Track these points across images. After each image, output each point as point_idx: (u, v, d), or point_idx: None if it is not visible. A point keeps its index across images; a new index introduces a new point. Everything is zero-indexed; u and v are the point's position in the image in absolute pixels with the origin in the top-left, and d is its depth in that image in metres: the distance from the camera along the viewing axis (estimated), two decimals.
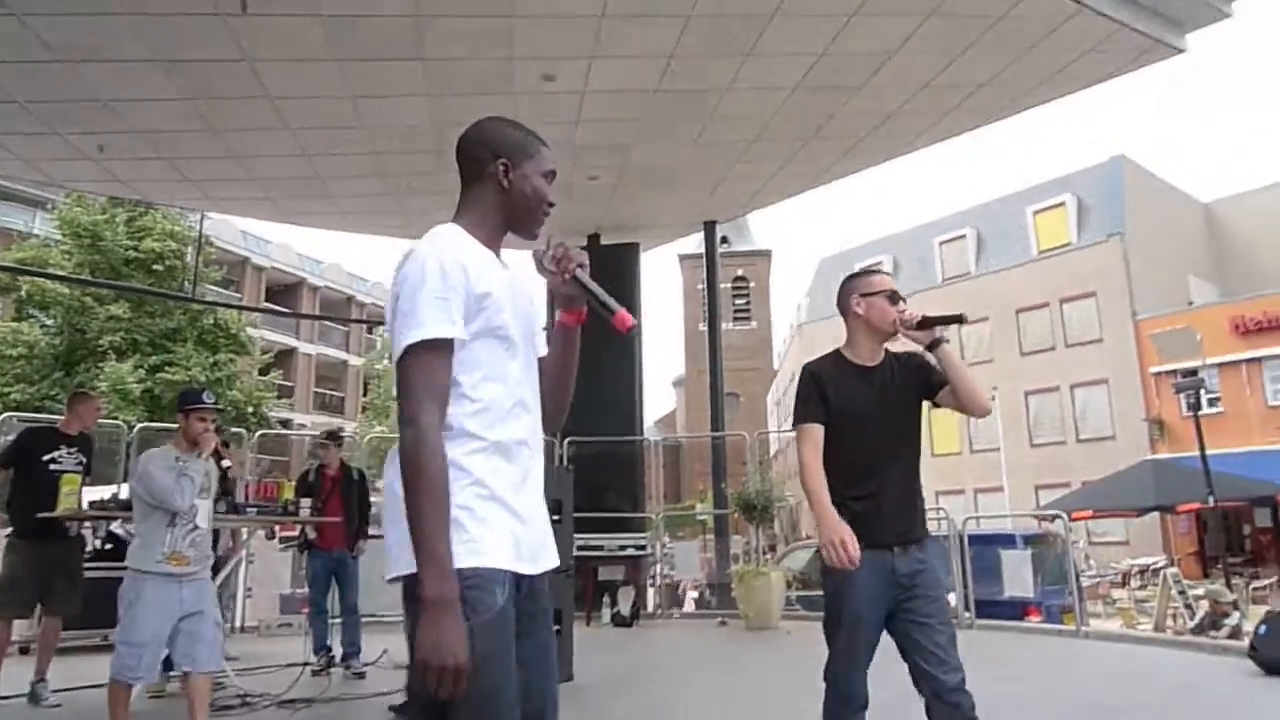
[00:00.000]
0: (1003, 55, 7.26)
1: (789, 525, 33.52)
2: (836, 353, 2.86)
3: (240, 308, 26.18)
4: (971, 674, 2.55)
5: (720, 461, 11.25)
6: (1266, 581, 17.21)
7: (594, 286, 1.76)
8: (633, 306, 10.84)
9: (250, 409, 21.35)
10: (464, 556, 1.50)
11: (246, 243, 31.46)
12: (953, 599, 9.10)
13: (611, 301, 1.75)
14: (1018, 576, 8.50)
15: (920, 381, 2.79)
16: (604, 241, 11.18)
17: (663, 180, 9.64)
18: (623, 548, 9.39)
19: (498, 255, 1.76)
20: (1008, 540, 10.02)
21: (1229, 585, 12.93)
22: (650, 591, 9.97)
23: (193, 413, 4.12)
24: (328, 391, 35.34)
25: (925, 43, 6.90)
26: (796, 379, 2.94)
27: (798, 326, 37.85)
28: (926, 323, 2.74)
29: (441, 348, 1.57)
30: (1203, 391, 21.18)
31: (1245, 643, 6.48)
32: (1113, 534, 24.51)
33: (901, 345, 2.81)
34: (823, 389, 2.74)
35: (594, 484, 9.74)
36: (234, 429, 12.50)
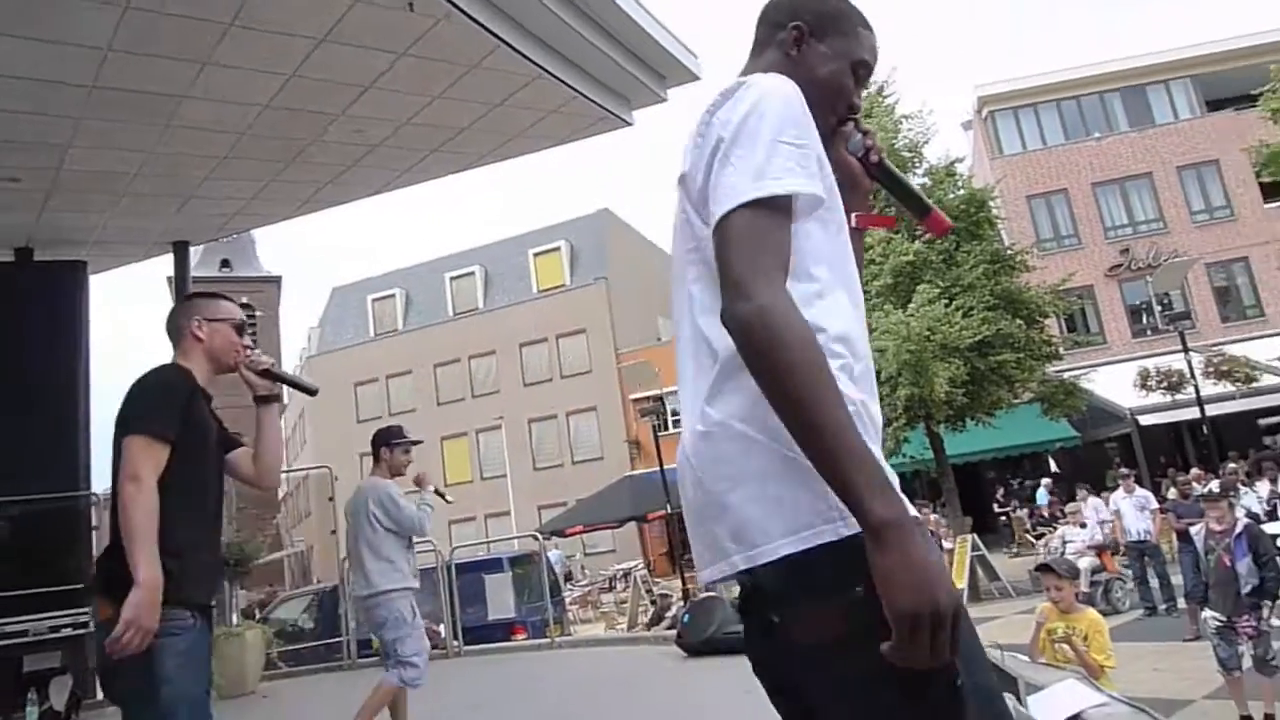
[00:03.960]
0: (476, 105, 7.66)
1: (299, 572, 31.49)
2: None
3: None
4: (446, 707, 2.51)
5: None
6: None
7: (904, 179, 1.43)
8: (76, 338, 9.02)
9: None
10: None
11: None
12: (442, 629, 9.22)
13: (925, 198, 1.40)
14: (500, 599, 8.91)
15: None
16: (39, 258, 9.29)
17: (113, 190, 8.29)
18: (56, 629, 7.73)
19: None
20: (494, 565, 10.44)
21: (683, 578, 15.22)
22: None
23: (397, 446, 4.48)
24: None
25: (400, 81, 6.96)
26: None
27: (308, 358, 35.98)
28: (270, 375, 2.71)
29: (784, 211, 1.10)
30: (668, 414, 24.92)
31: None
32: (603, 544, 27.46)
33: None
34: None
35: (16, 554, 7.93)
36: None
